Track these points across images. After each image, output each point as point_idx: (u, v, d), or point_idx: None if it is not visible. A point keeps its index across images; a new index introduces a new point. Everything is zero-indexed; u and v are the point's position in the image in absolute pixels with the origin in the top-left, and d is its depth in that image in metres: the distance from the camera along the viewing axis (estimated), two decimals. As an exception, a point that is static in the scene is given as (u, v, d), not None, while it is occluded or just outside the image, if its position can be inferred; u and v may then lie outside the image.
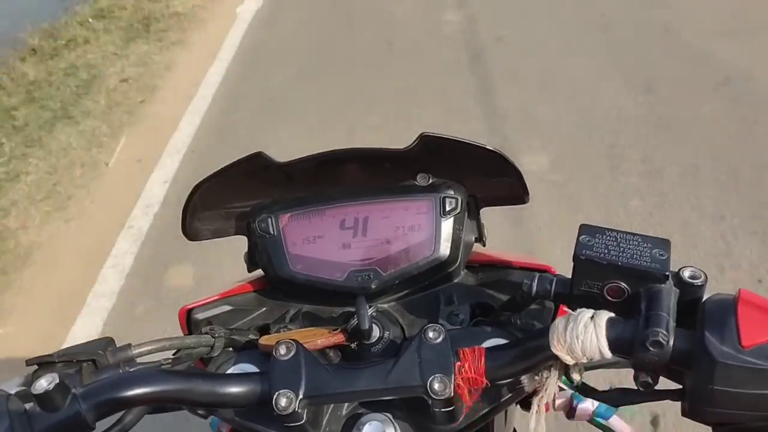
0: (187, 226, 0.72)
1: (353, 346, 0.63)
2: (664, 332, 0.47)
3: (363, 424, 0.58)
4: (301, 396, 0.54)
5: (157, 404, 0.57)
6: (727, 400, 0.46)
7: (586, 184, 2.74)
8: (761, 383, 0.44)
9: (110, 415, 0.54)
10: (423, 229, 0.69)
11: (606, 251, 0.53)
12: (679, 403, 0.51)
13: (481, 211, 0.74)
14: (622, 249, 0.53)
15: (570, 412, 0.80)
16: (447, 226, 0.69)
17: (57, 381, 0.50)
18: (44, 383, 0.50)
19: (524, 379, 0.55)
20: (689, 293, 0.51)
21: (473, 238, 0.73)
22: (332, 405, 0.60)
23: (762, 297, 0.47)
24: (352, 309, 0.64)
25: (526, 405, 0.71)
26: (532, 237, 2.49)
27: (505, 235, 2.45)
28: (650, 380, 0.49)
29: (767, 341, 0.45)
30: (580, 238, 0.54)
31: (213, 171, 0.69)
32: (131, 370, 0.59)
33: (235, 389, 0.55)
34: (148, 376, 0.54)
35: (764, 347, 0.44)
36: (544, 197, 2.66)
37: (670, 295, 0.50)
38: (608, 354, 0.49)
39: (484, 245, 0.74)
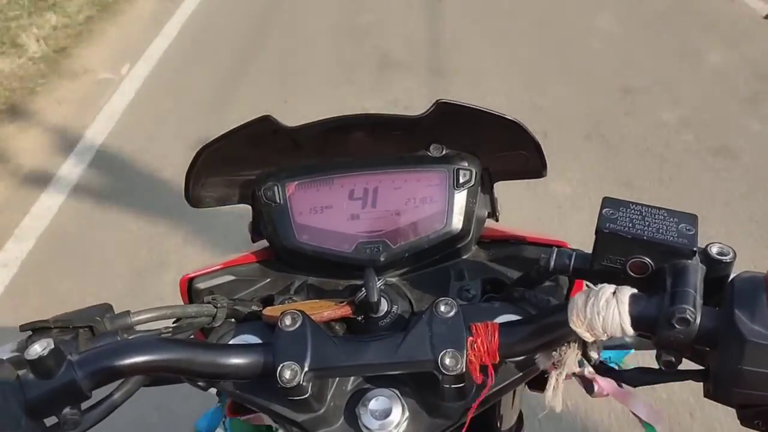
0: (190, 193, 0.70)
1: (360, 319, 0.61)
2: (692, 309, 0.44)
3: (369, 400, 0.56)
4: (306, 368, 0.52)
5: (156, 374, 0.55)
6: (756, 381, 0.43)
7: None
8: None
9: (107, 383, 0.52)
10: (435, 201, 0.66)
11: (630, 225, 0.51)
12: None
13: (495, 185, 0.71)
14: (647, 223, 0.51)
15: (588, 387, 0.77)
16: (460, 199, 0.66)
17: (52, 347, 0.48)
18: (38, 348, 0.48)
19: (539, 356, 0.53)
20: (716, 270, 0.49)
21: (486, 213, 0.70)
22: (337, 379, 0.57)
23: None
24: (359, 282, 0.61)
25: (535, 386, 0.69)
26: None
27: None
28: (673, 360, 0.47)
29: None
30: (603, 211, 0.52)
31: (217, 135, 0.66)
32: (130, 338, 0.57)
33: (237, 360, 0.53)
34: (147, 345, 0.52)
35: None
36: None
37: (696, 271, 0.48)
38: (630, 331, 0.47)
39: (497, 221, 0.72)
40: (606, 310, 0.47)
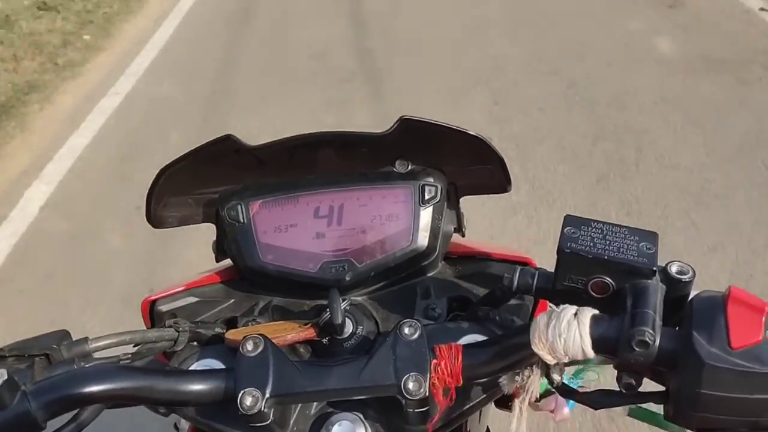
0: (151, 214, 0.68)
1: (325, 341, 0.60)
2: (651, 331, 0.44)
3: (332, 424, 0.55)
4: (267, 395, 0.51)
5: (116, 401, 0.53)
6: (715, 405, 0.43)
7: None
8: (750, 387, 0.42)
9: (62, 413, 0.50)
10: (400, 218, 0.66)
11: (592, 244, 0.50)
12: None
13: (460, 199, 0.71)
14: (608, 242, 0.51)
15: (551, 407, 0.77)
16: (426, 215, 0.66)
17: (5, 377, 0.47)
18: None
19: (503, 378, 0.53)
20: (676, 289, 0.49)
21: (452, 228, 0.70)
22: (301, 404, 0.57)
23: (752, 295, 0.45)
24: (325, 302, 0.61)
25: (501, 403, 0.69)
26: None
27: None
28: (633, 382, 0.47)
29: (757, 342, 0.42)
30: (565, 230, 0.52)
31: (179, 155, 0.65)
32: (87, 365, 0.55)
33: (197, 386, 0.52)
34: (104, 373, 0.51)
35: (754, 349, 0.42)
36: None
37: (656, 291, 0.48)
38: (591, 354, 0.47)
39: (463, 236, 0.71)
40: (567, 333, 0.47)
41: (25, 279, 2.49)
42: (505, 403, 0.67)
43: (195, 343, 0.63)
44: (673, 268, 0.49)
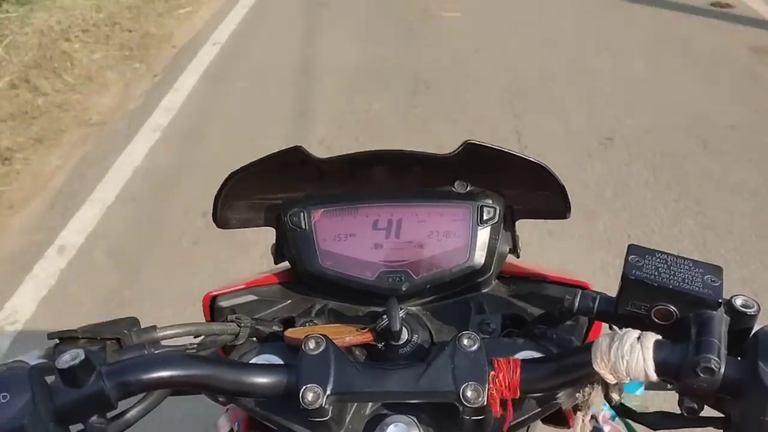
0: (218, 215, 0.71)
1: (381, 346, 0.62)
2: (716, 359, 0.45)
3: (387, 425, 0.57)
4: (329, 392, 0.52)
5: (181, 388, 0.55)
6: None
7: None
8: None
9: (133, 395, 0.52)
10: (458, 236, 0.68)
11: (656, 273, 0.52)
12: None
13: (516, 222, 0.73)
14: (672, 272, 0.52)
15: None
16: (483, 235, 0.68)
17: (83, 357, 0.49)
18: (69, 358, 0.49)
19: (561, 395, 0.54)
20: (740, 322, 0.50)
21: (507, 249, 0.71)
22: (356, 404, 0.58)
23: None
24: (380, 309, 0.62)
25: (549, 420, 0.70)
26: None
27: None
28: (695, 406, 0.48)
29: None
30: (629, 258, 0.53)
31: (248, 162, 0.68)
32: (156, 352, 0.57)
33: (261, 379, 0.54)
34: (174, 360, 0.53)
35: None
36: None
37: (721, 322, 0.49)
38: (654, 377, 0.48)
39: (518, 257, 0.73)
40: (630, 355, 0.48)
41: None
42: (554, 419, 0.68)
43: (254, 339, 0.65)
44: (738, 302, 0.50)
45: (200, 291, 0.73)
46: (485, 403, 0.52)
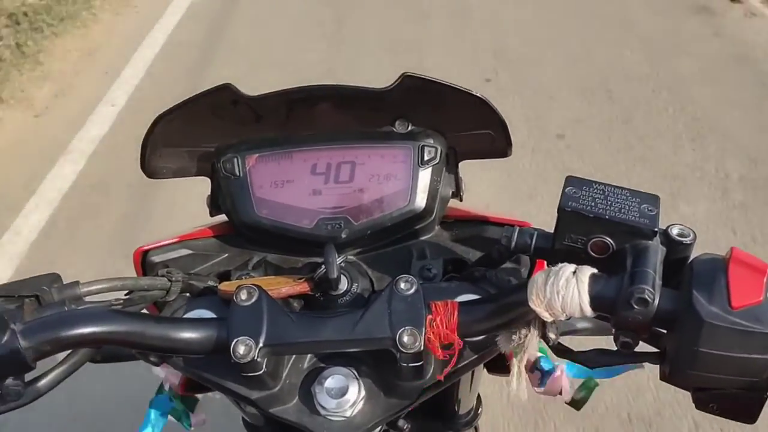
0: (146, 163, 0.67)
1: (319, 296, 0.60)
2: (650, 289, 0.44)
3: (325, 378, 0.55)
4: (261, 344, 0.50)
5: (105, 346, 0.53)
6: (712, 363, 0.43)
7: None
8: (749, 346, 0.42)
9: (52, 354, 0.49)
10: (399, 178, 0.65)
11: (593, 204, 0.50)
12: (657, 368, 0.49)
13: (459, 164, 0.70)
14: (609, 202, 0.50)
15: (539, 380, 0.77)
16: (424, 176, 0.65)
17: None
18: None
19: (499, 338, 0.52)
20: (676, 251, 0.49)
21: (450, 192, 0.69)
22: (293, 357, 0.56)
23: (754, 256, 0.45)
24: (319, 259, 0.60)
25: (494, 369, 0.69)
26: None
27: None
28: (630, 341, 0.47)
29: (758, 302, 0.42)
30: (566, 190, 0.51)
31: (175, 103, 0.64)
32: (78, 308, 0.54)
33: (190, 334, 0.51)
34: (96, 315, 0.50)
35: (754, 309, 0.42)
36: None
37: (657, 252, 0.47)
38: (589, 311, 0.46)
39: (461, 200, 0.71)
40: (566, 290, 0.47)
41: None
42: (498, 368, 0.67)
43: (187, 294, 0.62)
44: (674, 231, 0.49)
45: None
46: (422, 348, 0.50)
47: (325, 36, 3.79)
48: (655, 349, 0.49)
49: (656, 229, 0.48)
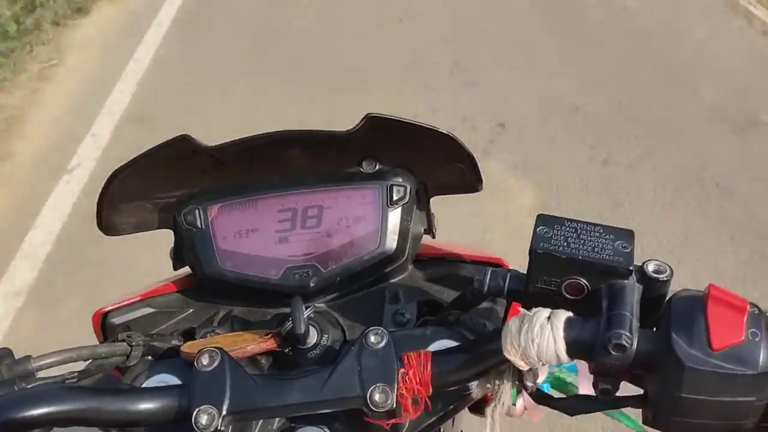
0: (103, 220, 0.64)
1: (288, 351, 0.57)
2: (628, 334, 0.42)
3: None
4: (224, 412, 0.48)
5: (60, 425, 0.50)
6: (695, 408, 0.41)
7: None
8: (732, 390, 0.40)
9: None
10: (368, 220, 0.63)
11: (565, 244, 0.48)
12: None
13: (431, 200, 0.68)
14: (582, 241, 0.48)
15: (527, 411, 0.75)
16: (394, 217, 0.63)
17: None
18: None
19: (473, 386, 0.50)
20: (653, 289, 0.46)
21: (422, 230, 0.67)
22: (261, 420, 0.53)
23: (732, 293, 0.43)
24: (288, 310, 0.57)
25: (475, 408, 0.66)
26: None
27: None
28: (610, 387, 0.45)
29: (739, 342, 0.40)
30: (538, 230, 0.49)
31: (131, 157, 0.61)
32: (29, 386, 0.51)
33: (150, 405, 0.49)
34: (47, 394, 0.48)
35: (736, 349, 0.40)
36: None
37: (633, 292, 0.45)
38: (566, 359, 0.44)
39: (433, 237, 0.69)
40: (541, 337, 0.44)
41: None
42: (479, 408, 0.64)
43: (150, 357, 0.60)
44: (650, 267, 0.47)
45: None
46: (394, 405, 0.48)
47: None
48: (638, 390, 0.47)
49: (631, 268, 0.46)
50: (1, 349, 0.53)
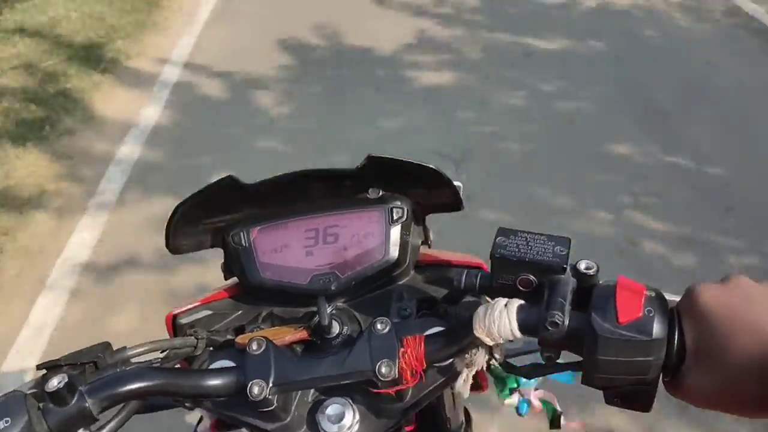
0: (170, 244, 0.82)
1: (316, 340, 0.74)
2: (560, 314, 0.57)
3: (326, 407, 0.68)
4: (271, 384, 0.64)
5: (150, 398, 0.67)
6: (610, 368, 0.56)
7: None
8: (635, 352, 0.55)
9: (111, 407, 0.64)
10: (375, 235, 0.79)
11: (517, 249, 0.64)
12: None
13: (427, 216, 0.85)
14: (530, 247, 0.64)
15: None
16: (395, 232, 0.79)
17: (66, 380, 0.60)
18: (55, 382, 0.60)
19: (456, 360, 0.66)
20: (584, 281, 0.61)
21: (419, 241, 0.83)
22: (299, 392, 0.70)
23: (636, 282, 0.58)
24: (315, 308, 0.74)
25: (473, 388, 0.82)
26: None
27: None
28: (552, 355, 0.60)
29: (638, 317, 0.55)
30: (497, 240, 0.65)
31: (190, 194, 0.79)
32: (127, 368, 0.69)
33: (215, 382, 0.65)
34: (142, 373, 0.64)
35: (635, 323, 0.55)
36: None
37: (567, 283, 0.60)
38: (518, 334, 0.60)
39: (429, 247, 0.85)
40: (499, 320, 0.60)
41: None
42: (473, 386, 0.80)
43: (211, 348, 0.77)
44: (582, 266, 0.62)
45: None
46: (397, 375, 0.64)
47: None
48: (576, 358, 0.62)
49: (565, 266, 0.62)
50: (103, 342, 0.71)
